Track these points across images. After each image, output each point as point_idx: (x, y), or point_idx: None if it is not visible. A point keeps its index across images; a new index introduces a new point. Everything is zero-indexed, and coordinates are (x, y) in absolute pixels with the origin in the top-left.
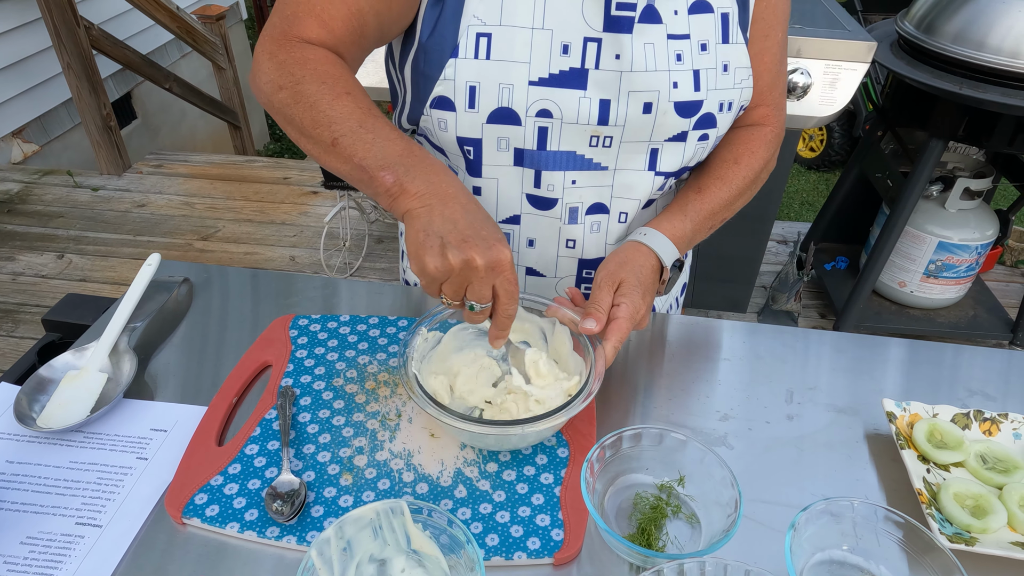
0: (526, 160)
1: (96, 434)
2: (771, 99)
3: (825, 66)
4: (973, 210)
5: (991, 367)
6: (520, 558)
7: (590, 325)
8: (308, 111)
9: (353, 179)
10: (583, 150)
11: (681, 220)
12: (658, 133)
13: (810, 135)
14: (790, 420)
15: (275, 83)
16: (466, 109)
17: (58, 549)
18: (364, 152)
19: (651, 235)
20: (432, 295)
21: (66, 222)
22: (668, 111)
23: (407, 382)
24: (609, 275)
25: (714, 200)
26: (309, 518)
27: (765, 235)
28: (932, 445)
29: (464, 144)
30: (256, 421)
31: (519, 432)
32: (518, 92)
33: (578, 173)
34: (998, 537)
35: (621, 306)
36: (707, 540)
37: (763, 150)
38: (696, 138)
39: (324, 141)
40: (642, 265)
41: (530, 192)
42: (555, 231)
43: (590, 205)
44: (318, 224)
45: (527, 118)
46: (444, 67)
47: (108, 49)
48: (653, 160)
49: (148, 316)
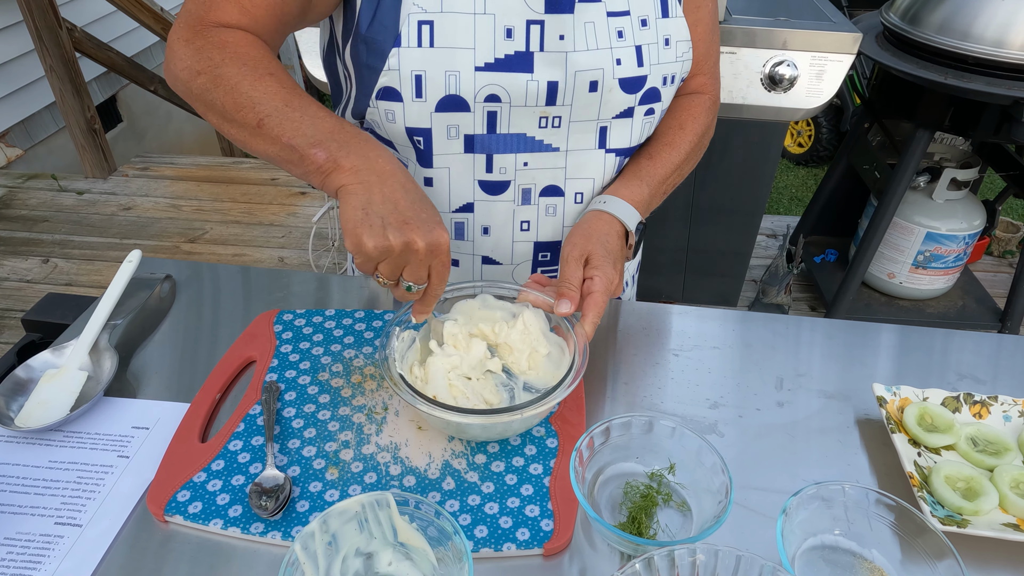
0: (477, 146)
1: (76, 433)
2: (707, 68)
3: (811, 58)
4: (960, 200)
5: (980, 351)
6: (510, 549)
7: (564, 308)
8: (229, 94)
9: (282, 161)
10: (533, 131)
11: (638, 185)
12: (605, 111)
13: (798, 131)
14: (780, 407)
15: (192, 69)
16: (413, 99)
17: (36, 550)
18: (292, 131)
19: (611, 202)
20: (366, 273)
21: (51, 226)
22: (613, 88)
23: (391, 379)
24: (575, 248)
25: (666, 165)
26: (294, 513)
27: (754, 229)
28: (923, 429)
29: (414, 135)
30: (240, 417)
31: (506, 420)
32: (465, 78)
33: (529, 155)
34: (990, 519)
35: (595, 279)
36: (698, 527)
37: (704, 116)
38: (643, 113)
39: (249, 123)
40: (607, 233)
41: (482, 178)
42: (509, 215)
43: (544, 187)
44: (306, 225)
45: (476, 104)
46: (388, 57)
47: (91, 51)
48: (603, 138)
49: (129, 313)
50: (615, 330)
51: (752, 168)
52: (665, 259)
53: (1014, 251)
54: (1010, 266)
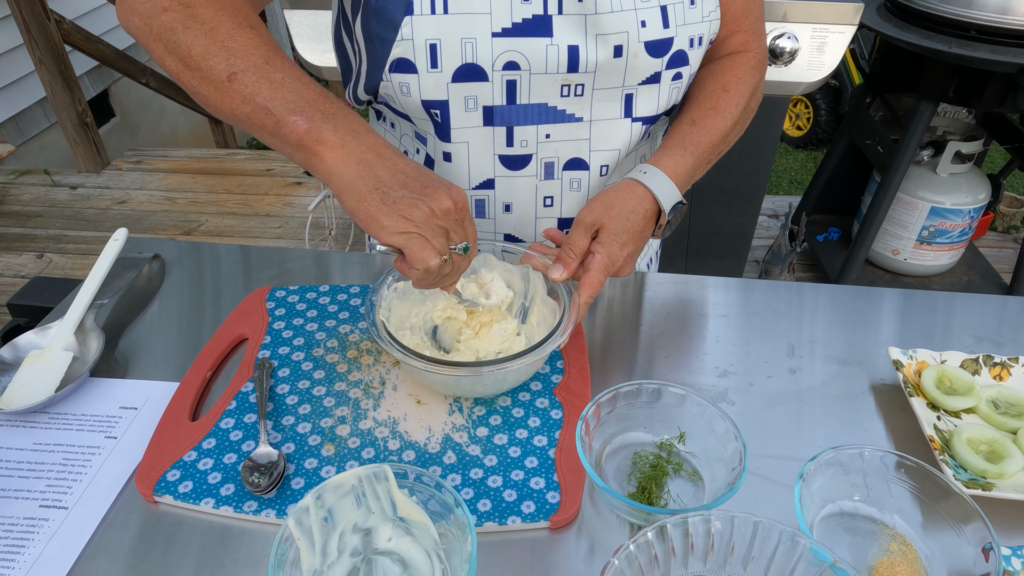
0: (496, 118)
1: (62, 414)
2: (748, 24)
3: (812, 30)
4: (964, 174)
5: (995, 313)
6: (515, 523)
7: (556, 273)
8: (201, 38)
9: (251, 125)
10: (555, 101)
11: (682, 155)
12: (631, 77)
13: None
14: (792, 374)
15: (158, 4)
16: (428, 69)
17: (20, 533)
18: (270, 93)
19: (651, 173)
20: (422, 262)
21: (45, 221)
22: (639, 52)
23: (374, 331)
24: (590, 215)
25: (712, 131)
26: (289, 491)
27: (756, 210)
28: (941, 392)
29: (430, 108)
30: (232, 395)
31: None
32: (482, 46)
33: (552, 126)
34: (1015, 481)
35: (595, 256)
36: (711, 497)
37: (749, 76)
38: (670, 78)
39: (218, 75)
40: (632, 210)
41: (503, 152)
42: (531, 190)
43: (567, 160)
44: (303, 214)
45: (494, 72)
46: (400, 27)
47: (81, 44)
48: (629, 106)
49: (116, 293)
50: (620, 301)
51: (753, 146)
52: (667, 241)
53: (1019, 226)
54: (1015, 241)
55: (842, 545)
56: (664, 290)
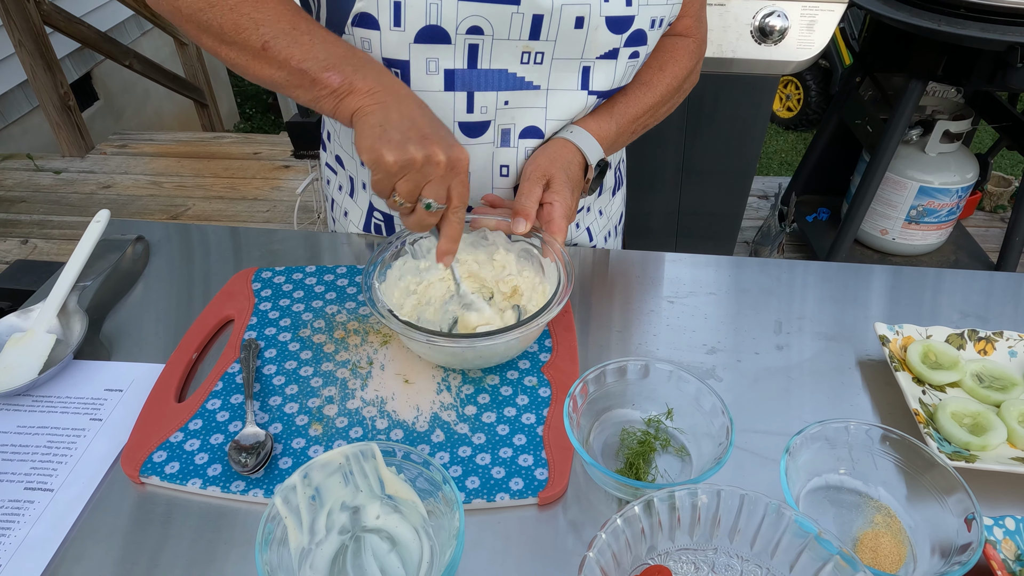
0: (457, 82)
1: (46, 397)
2: (692, 10)
3: (802, 8)
4: (953, 153)
5: (981, 289)
6: (503, 499)
7: (521, 227)
8: (229, 13)
9: (288, 86)
10: (515, 67)
11: (607, 121)
12: (589, 50)
13: (786, 95)
14: (780, 350)
15: None
16: (391, 27)
17: (5, 516)
18: (303, 54)
19: (577, 133)
20: (383, 195)
21: (29, 207)
22: (600, 26)
23: (370, 298)
24: (538, 168)
25: (639, 104)
26: (277, 470)
27: (745, 190)
28: (927, 366)
29: (391, 67)
30: (218, 376)
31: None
32: (447, 7)
33: (511, 93)
34: (998, 453)
35: (554, 205)
36: (698, 471)
37: (687, 59)
38: (627, 56)
39: (252, 46)
40: (570, 162)
41: (462, 119)
42: (488, 158)
43: (523, 128)
44: (291, 198)
45: (457, 36)
46: None
47: (62, 25)
48: (585, 79)
49: (99, 275)
50: (607, 278)
51: (743, 126)
52: (656, 222)
53: (1006, 205)
54: (1002, 220)
55: (827, 517)
56: (653, 268)
